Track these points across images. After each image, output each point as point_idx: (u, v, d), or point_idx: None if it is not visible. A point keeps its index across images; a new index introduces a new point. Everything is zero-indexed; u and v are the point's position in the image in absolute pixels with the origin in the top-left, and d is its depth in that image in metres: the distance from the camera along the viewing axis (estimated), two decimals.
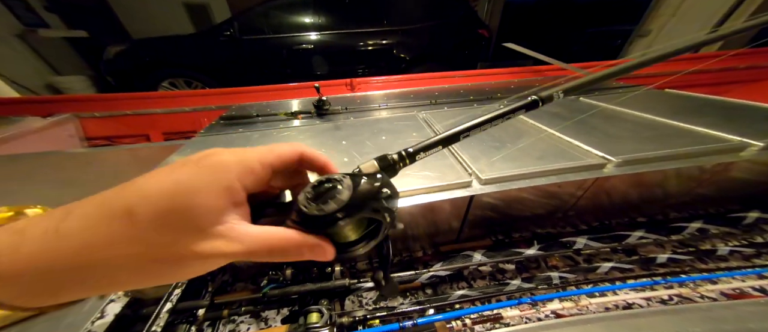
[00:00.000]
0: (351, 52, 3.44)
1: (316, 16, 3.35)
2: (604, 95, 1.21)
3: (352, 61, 3.48)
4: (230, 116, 1.06)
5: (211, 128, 1.01)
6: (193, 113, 1.39)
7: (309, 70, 3.52)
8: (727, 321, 0.38)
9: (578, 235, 0.78)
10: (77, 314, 0.39)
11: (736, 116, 0.87)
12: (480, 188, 0.68)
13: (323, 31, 3.35)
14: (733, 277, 0.65)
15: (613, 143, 0.76)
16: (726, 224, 0.77)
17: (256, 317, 0.62)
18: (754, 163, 0.71)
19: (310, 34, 3.38)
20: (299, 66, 3.49)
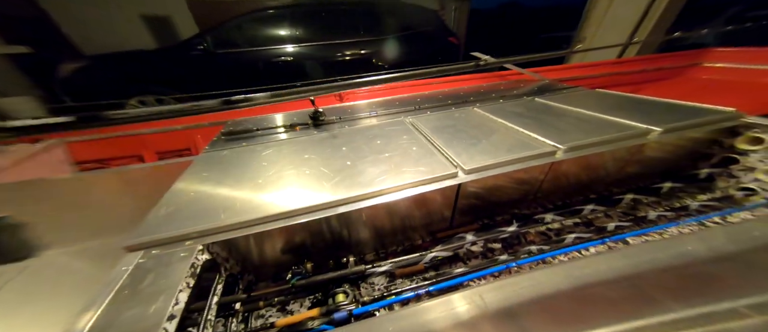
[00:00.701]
0: (329, 64, 3.53)
1: (294, 28, 3.41)
2: (552, 95, 1.45)
3: (330, 73, 3.57)
4: (230, 131, 1.09)
5: (214, 144, 1.04)
6: (184, 131, 1.38)
7: (285, 82, 3.52)
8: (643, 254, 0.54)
9: (547, 212, 0.95)
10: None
11: (645, 109, 1.12)
12: (465, 177, 0.82)
13: (300, 43, 3.41)
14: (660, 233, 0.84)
15: (561, 134, 0.94)
16: (651, 194, 1.00)
17: (282, 310, 0.69)
18: (659, 144, 0.94)
19: (287, 47, 3.41)
20: (275, 79, 3.48)
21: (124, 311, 0.43)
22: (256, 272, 0.73)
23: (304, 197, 0.72)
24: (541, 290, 0.45)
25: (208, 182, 0.79)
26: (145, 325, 0.40)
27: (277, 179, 0.81)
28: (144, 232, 0.58)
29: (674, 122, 0.96)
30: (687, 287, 0.45)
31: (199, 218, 0.62)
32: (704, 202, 0.96)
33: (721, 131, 1.03)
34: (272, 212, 0.66)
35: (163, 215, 0.64)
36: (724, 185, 1.03)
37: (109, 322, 0.41)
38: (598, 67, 2.17)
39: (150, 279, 0.48)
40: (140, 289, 0.46)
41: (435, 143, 0.99)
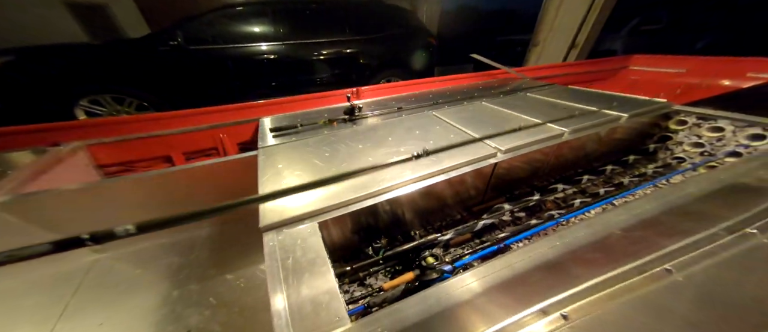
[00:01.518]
0: (315, 61, 3.47)
1: (275, 26, 3.27)
2: (539, 91, 1.74)
3: (317, 70, 3.50)
4: (278, 127, 1.09)
5: (266, 139, 1.03)
6: (209, 130, 1.28)
7: (263, 81, 3.36)
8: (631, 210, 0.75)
9: (557, 183, 1.18)
10: None
11: (608, 101, 1.44)
12: (502, 156, 0.99)
13: (283, 41, 3.29)
14: (633, 194, 1.13)
15: (562, 121, 1.18)
16: (621, 165, 1.30)
17: (374, 275, 0.77)
18: (625, 126, 1.25)
19: (268, 45, 3.26)
20: (251, 78, 3.30)
21: (301, 273, 0.48)
22: (335, 254, 0.80)
23: (381, 177, 0.80)
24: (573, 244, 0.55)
25: (287, 172, 0.82)
26: (323, 281, 0.46)
27: (348, 166, 0.88)
28: (267, 218, 0.61)
29: (634, 109, 1.27)
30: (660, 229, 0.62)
31: (305, 202, 0.67)
32: (654, 169, 1.30)
33: (659, 117, 1.39)
34: (357, 194, 0.74)
35: (272, 202, 0.67)
36: (664, 156, 1.39)
37: (299, 281, 0.47)
38: (557, 68, 2.60)
39: (299, 251, 0.53)
40: (298, 258, 0.51)
41: (467, 131, 1.15)
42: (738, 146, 1.14)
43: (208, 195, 1.04)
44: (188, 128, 1.19)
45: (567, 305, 0.41)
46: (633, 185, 1.21)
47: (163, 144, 1.18)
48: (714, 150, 1.21)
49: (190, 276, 1.01)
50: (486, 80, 2.13)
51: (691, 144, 1.30)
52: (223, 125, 1.26)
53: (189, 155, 1.22)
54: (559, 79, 2.52)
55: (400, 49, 3.85)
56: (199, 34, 3.13)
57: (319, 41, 3.51)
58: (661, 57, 2.56)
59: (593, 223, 0.61)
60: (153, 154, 1.19)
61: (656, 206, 0.66)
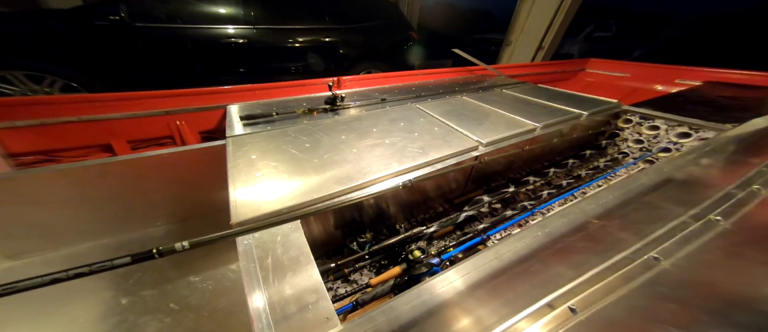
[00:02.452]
0: (291, 49, 3.25)
1: (246, 8, 2.97)
2: (513, 88, 1.83)
3: (292, 58, 3.30)
4: (248, 115, 0.97)
5: (235, 128, 0.90)
6: (165, 116, 1.08)
7: (229, 67, 3.07)
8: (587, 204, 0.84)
9: (529, 175, 1.26)
10: None
11: (571, 99, 1.57)
12: (484, 149, 1.02)
13: (257, 25, 3.01)
14: (589, 186, 1.25)
15: (534, 116, 1.26)
16: (579, 159, 1.43)
17: (360, 271, 0.74)
18: (584, 123, 1.37)
19: (240, 28, 2.96)
20: (215, 63, 2.99)
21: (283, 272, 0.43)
22: (318, 250, 0.75)
23: (367, 170, 0.77)
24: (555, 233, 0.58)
25: (262, 164, 0.74)
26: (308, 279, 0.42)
27: (331, 158, 0.82)
28: (240, 214, 0.54)
29: (591, 108, 1.40)
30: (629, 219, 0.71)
31: (285, 196, 0.61)
32: (605, 163, 1.46)
33: (611, 115, 1.56)
34: (343, 187, 0.70)
35: (245, 197, 0.59)
36: (612, 152, 1.57)
37: (281, 280, 0.42)
38: (528, 67, 2.78)
39: (280, 248, 0.47)
40: (279, 256, 0.45)
41: (450, 125, 1.16)
42: (669, 142, 1.33)
43: (163, 190, 0.90)
44: (137, 112, 1.00)
45: (571, 297, 0.42)
46: (589, 177, 1.34)
47: (101, 130, 0.97)
48: (650, 146, 1.40)
49: (142, 281, 0.88)
50: (465, 76, 2.19)
51: (633, 141, 1.48)
52: (181, 110, 1.09)
53: (136, 143, 1.03)
54: (530, 77, 2.70)
55: (382, 41, 3.77)
56: (151, 11, 2.70)
57: (295, 28, 3.28)
58: (611, 62, 2.88)
59: (567, 213, 0.66)
60: (86, 142, 0.97)
61: (617, 196, 0.74)
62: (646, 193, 0.71)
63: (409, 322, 0.37)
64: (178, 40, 2.82)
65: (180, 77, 2.92)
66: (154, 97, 1.06)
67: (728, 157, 0.86)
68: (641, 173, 0.82)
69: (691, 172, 0.78)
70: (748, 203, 0.61)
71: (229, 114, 1.02)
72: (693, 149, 0.93)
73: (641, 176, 0.79)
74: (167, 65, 2.89)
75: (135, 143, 1.04)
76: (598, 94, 1.66)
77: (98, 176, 0.80)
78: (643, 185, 0.73)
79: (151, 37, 2.76)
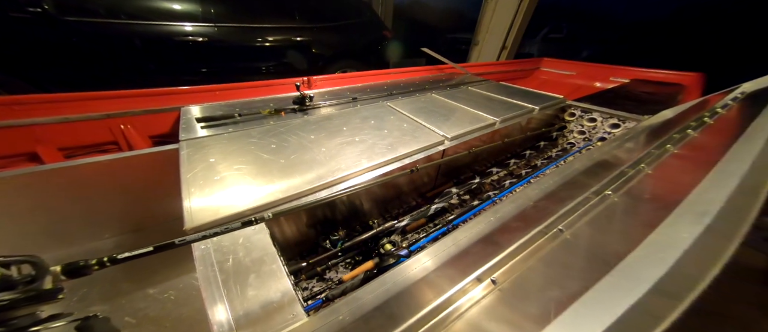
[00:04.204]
0: (259, 48, 3.09)
1: (206, 5, 2.75)
2: (477, 86, 1.95)
3: (261, 58, 3.14)
4: (207, 117, 0.89)
5: (190, 131, 0.82)
6: (106, 120, 0.94)
7: (188, 67, 2.84)
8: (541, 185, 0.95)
9: (493, 167, 1.36)
10: None
11: (527, 96, 1.73)
12: (449, 143, 1.07)
13: (218, 22, 2.81)
14: (543, 173, 1.38)
15: (494, 111, 1.36)
16: (535, 150, 1.58)
17: (334, 268, 0.74)
18: (536, 117, 1.51)
19: (198, 26, 2.73)
20: (171, 62, 2.75)
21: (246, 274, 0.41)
22: (290, 249, 0.74)
23: (336, 168, 0.78)
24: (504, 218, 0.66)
25: (221, 166, 0.70)
26: (273, 283, 0.41)
27: (297, 159, 0.81)
28: (195, 219, 0.51)
29: (542, 104, 1.55)
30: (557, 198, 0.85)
31: (242, 198, 0.59)
32: (556, 152, 1.62)
33: (558, 109, 1.73)
34: (313, 185, 0.70)
35: (202, 199, 0.56)
36: (562, 142, 1.76)
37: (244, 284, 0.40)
38: (492, 66, 2.97)
39: (242, 251, 0.46)
40: (241, 259, 0.44)
41: (418, 121, 1.20)
42: (605, 133, 1.52)
43: (107, 199, 0.81)
44: (70, 116, 0.87)
45: (495, 270, 0.48)
46: (543, 165, 1.49)
47: (25, 137, 0.82)
48: (591, 136, 1.59)
49: (89, 296, 0.78)
50: (435, 74, 2.27)
51: (578, 132, 1.67)
52: (126, 113, 0.97)
53: (70, 151, 0.89)
54: (493, 75, 2.89)
55: (355, 40, 3.74)
56: (84, 4, 2.39)
57: (263, 26, 3.12)
58: (561, 61, 3.19)
59: (516, 198, 0.74)
60: (6, 151, 0.82)
61: (556, 181, 0.84)
62: (576, 176, 0.81)
63: (371, 310, 0.39)
64: (122, 37, 2.53)
65: (128, 77, 2.62)
66: (91, 98, 0.93)
67: (636, 142, 1.03)
68: (576, 159, 0.94)
69: (608, 156, 0.92)
70: (633, 179, 0.74)
71: (184, 116, 0.95)
72: (616, 138, 1.08)
73: (575, 162, 0.90)
74: (110, 64, 2.58)
75: (70, 151, 0.91)
76: (551, 90, 1.84)
77: (23, 187, 0.69)
78: (575, 170, 0.84)
79: (87, 32, 2.44)
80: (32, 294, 0.30)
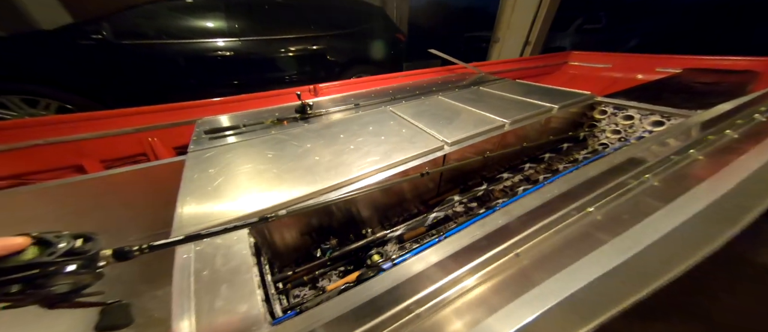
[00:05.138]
0: (279, 59, 3.30)
1: (233, 20, 3.02)
2: (490, 85, 1.85)
3: (284, 68, 3.34)
4: (214, 129, 0.98)
5: (200, 143, 0.91)
6: (135, 134, 1.10)
7: (221, 80, 3.12)
8: None
9: (503, 172, 1.26)
10: None
11: (546, 93, 1.58)
12: (449, 148, 1.03)
13: (244, 36, 3.05)
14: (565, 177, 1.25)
15: (505, 112, 1.27)
16: (557, 152, 1.44)
17: (323, 277, 0.75)
18: (557, 117, 1.38)
19: (221, 41, 3.00)
20: (208, 76, 3.04)
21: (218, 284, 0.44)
22: (282, 258, 0.76)
23: (330, 176, 0.78)
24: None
25: (220, 176, 0.75)
26: (242, 294, 0.43)
27: (292, 168, 0.83)
28: (184, 224, 0.55)
29: (564, 101, 1.41)
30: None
31: (235, 207, 0.62)
32: (584, 155, 1.46)
33: (586, 107, 1.56)
34: (302, 193, 0.71)
35: (195, 209, 0.60)
36: (592, 143, 1.58)
37: (214, 294, 0.43)
38: (512, 63, 2.80)
39: (220, 260, 0.48)
40: (218, 268, 0.46)
41: (419, 125, 1.17)
42: (644, 131, 1.33)
43: (134, 205, 0.92)
44: (108, 131, 1.02)
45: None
46: (566, 169, 1.34)
47: (72, 151, 0.99)
48: (628, 136, 1.40)
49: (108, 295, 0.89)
50: (445, 75, 2.21)
51: (611, 131, 1.48)
52: (154, 127, 1.11)
53: (109, 163, 1.05)
54: (512, 73, 2.72)
55: (368, 45, 3.81)
56: (135, 28, 2.75)
57: (283, 38, 3.32)
58: (593, 54, 2.89)
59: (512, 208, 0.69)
60: (57, 164, 0.99)
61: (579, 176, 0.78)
62: (606, 172, 0.74)
63: (334, 319, 0.38)
64: (168, 56, 2.87)
65: (175, 93, 2.96)
66: (125, 115, 1.08)
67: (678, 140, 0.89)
68: (605, 159, 0.84)
69: (642, 153, 0.81)
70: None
71: (197, 128, 1.04)
72: (653, 136, 0.94)
73: (604, 161, 0.81)
74: (160, 82, 2.94)
75: (109, 163, 1.06)
76: (580, 86, 1.67)
77: (68, 195, 0.82)
78: (607, 164, 0.76)
79: (140, 54, 2.80)
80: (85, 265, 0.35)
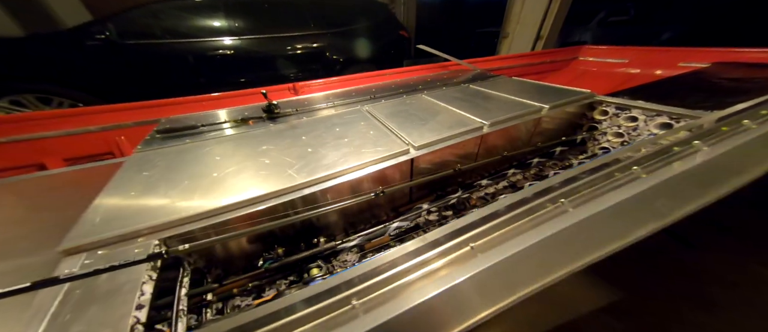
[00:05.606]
0: (280, 57, 3.29)
1: (232, 19, 3.04)
2: (483, 83, 1.72)
3: (283, 66, 3.34)
4: (168, 129, 0.96)
5: (150, 143, 0.90)
6: (102, 132, 1.12)
7: (230, 78, 3.17)
8: None
9: (482, 179, 1.16)
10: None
11: (542, 92, 1.44)
12: (416, 152, 0.94)
13: (242, 35, 3.08)
14: None
15: (487, 113, 1.15)
16: (549, 157, 1.30)
17: (262, 291, 0.70)
18: (549, 117, 1.24)
19: (224, 40, 3.04)
20: (215, 74, 3.10)
21: (84, 308, 0.39)
22: (223, 265, 0.71)
23: (265, 184, 0.73)
24: None
25: (153, 179, 0.72)
26: (114, 316, 0.38)
27: (235, 171, 0.79)
28: (82, 233, 0.51)
29: (556, 101, 1.27)
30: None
31: (149, 215, 0.58)
32: (580, 159, 1.31)
33: (585, 107, 1.40)
34: (233, 201, 0.66)
35: (103, 215, 0.56)
36: (592, 147, 1.42)
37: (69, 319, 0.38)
38: (516, 59, 2.62)
39: (106, 276, 0.44)
40: (97, 286, 0.42)
41: (389, 127, 1.09)
42: (650, 134, 1.17)
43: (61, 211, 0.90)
44: (73, 130, 1.03)
45: None
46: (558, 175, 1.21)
47: (35, 149, 1.00)
48: (631, 139, 1.24)
49: None
50: (437, 72, 2.10)
51: (613, 134, 1.32)
52: (119, 126, 1.11)
53: (73, 161, 1.06)
54: (513, 70, 2.54)
55: (369, 43, 3.73)
56: (140, 28, 2.84)
57: (282, 36, 3.32)
58: (607, 48, 2.65)
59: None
60: (19, 162, 1.01)
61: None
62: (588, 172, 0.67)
63: None
64: (172, 55, 2.93)
65: (181, 92, 3.04)
66: (91, 113, 1.08)
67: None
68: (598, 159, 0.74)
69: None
70: None
71: (156, 128, 1.02)
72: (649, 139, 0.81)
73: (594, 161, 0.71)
74: (165, 80, 3.02)
75: (73, 161, 1.07)
76: (589, 84, 1.51)
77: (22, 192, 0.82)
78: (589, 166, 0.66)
79: (145, 53, 2.88)
80: None
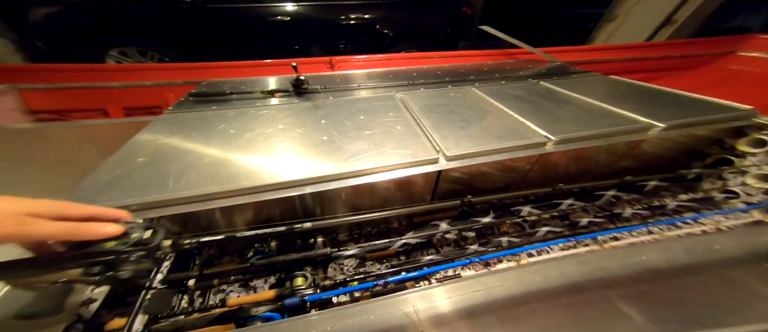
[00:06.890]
0: (332, 26, 3.20)
1: None
2: (560, 80, 1.31)
3: (332, 36, 3.26)
4: (201, 93, 0.98)
5: (180, 105, 0.93)
6: (155, 88, 1.25)
7: (286, 44, 3.25)
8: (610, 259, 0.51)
9: (525, 204, 0.90)
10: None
11: (655, 101, 1.01)
12: (446, 164, 0.75)
13: (302, 1, 3.05)
14: (630, 232, 0.81)
15: (557, 123, 0.85)
16: (634, 191, 0.94)
17: (245, 286, 0.67)
18: (658, 140, 0.86)
19: (286, 5, 3.06)
20: (275, 40, 3.20)
21: None
22: (218, 246, 0.70)
23: (270, 172, 0.66)
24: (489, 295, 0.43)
25: (164, 148, 0.72)
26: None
27: (243, 150, 0.74)
28: (79, 199, 0.52)
29: (680, 118, 0.87)
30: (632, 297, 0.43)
31: (146, 188, 0.57)
32: (683, 202, 0.92)
33: (726, 130, 0.94)
34: (232, 187, 0.60)
35: (103, 182, 0.58)
36: (709, 187, 0.98)
37: None
38: (620, 50, 1.94)
39: None
40: None
41: (421, 124, 0.90)
42: None
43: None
44: (131, 82, 1.15)
45: None
46: (639, 219, 0.87)
47: (101, 97, 1.16)
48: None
49: None
50: (498, 60, 1.69)
51: (757, 176, 0.87)
52: (170, 83, 1.19)
53: (130, 110, 1.20)
54: (611, 65, 1.91)
55: (424, 18, 3.29)
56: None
57: (338, 4, 3.18)
58: None
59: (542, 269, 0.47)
60: (88, 105, 1.18)
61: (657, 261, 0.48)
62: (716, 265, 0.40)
63: None
64: (244, 19, 3.04)
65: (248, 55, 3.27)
66: (146, 69, 1.17)
67: None
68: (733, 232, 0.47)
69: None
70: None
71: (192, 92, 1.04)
72: None
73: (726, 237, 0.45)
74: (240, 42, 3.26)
75: (130, 110, 1.21)
76: (743, 92, 1.01)
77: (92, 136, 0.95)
78: (717, 252, 0.42)
79: (221, 15, 3.11)
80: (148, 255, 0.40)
